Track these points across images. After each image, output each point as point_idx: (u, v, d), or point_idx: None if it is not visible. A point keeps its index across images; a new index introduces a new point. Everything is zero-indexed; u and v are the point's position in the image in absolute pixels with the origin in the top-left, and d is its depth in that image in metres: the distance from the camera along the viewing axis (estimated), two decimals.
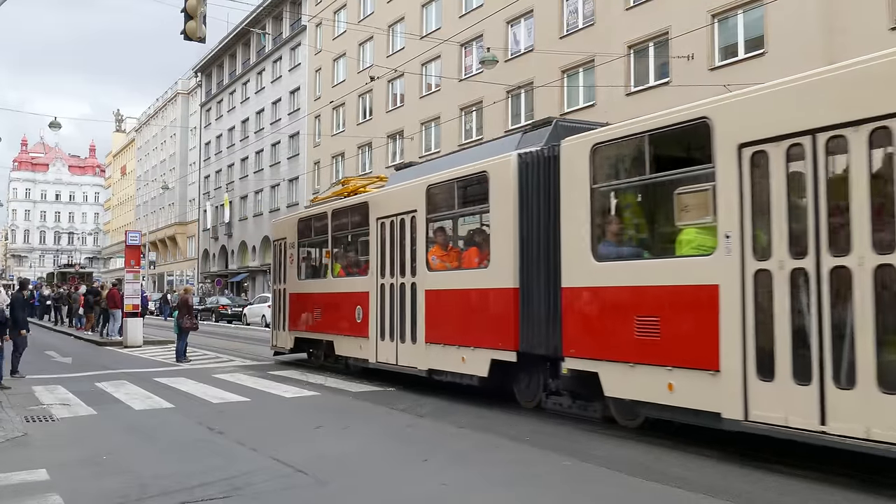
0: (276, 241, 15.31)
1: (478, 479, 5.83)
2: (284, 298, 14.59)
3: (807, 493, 5.30)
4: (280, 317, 14.83)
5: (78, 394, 10.46)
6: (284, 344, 14.63)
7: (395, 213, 10.78)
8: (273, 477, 5.86)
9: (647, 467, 6.03)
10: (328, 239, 13.01)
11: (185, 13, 11.57)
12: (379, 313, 10.98)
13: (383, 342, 10.89)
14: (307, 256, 14.38)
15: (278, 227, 15.48)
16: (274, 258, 15.36)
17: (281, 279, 14.90)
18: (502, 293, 8.56)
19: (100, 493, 5.46)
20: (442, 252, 10.06)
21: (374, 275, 11.15)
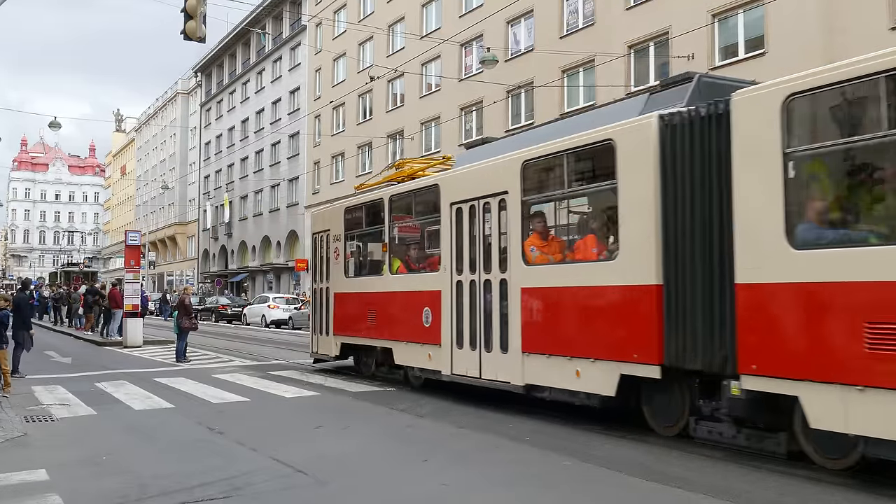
0: (316, 234, 13.58)
1: (478, 479, 5.83)
2: (327, 299, 12.90)
3: (807, 493, 5.29)
4: (322, 320, 13.13)
5: (78, 394, 10.46)
6: (327, 350, 12.91)
7: (476, 196, 9.13)
8: (273, 477, 5.85)
9: (647, 467, 6.02)
10: (384, 230, 11.15)
11: (185, 13, 11.56)
12: (455, 316, 9.42)
13: (461, 351, 9.28)
14: (357, 251, 12.62)
15: (319, 218, 13.79)
16: (313, 253, 13.70)
17: (322, 277, 13.23)
18: (638, 291, 6.90)
19: (99, 493, 5.45)
20: (542, 242, 8.40)
21: (448, 271, 9.55)
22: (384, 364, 11.66)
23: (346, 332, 12.36)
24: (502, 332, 8.64)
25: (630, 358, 6.95)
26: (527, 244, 8.38)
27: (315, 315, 13.56)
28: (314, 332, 13.57)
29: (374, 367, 12.03)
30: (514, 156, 8.64)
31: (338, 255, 12.59)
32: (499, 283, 8.74)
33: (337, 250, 12.62)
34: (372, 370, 12.09)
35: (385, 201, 11.19)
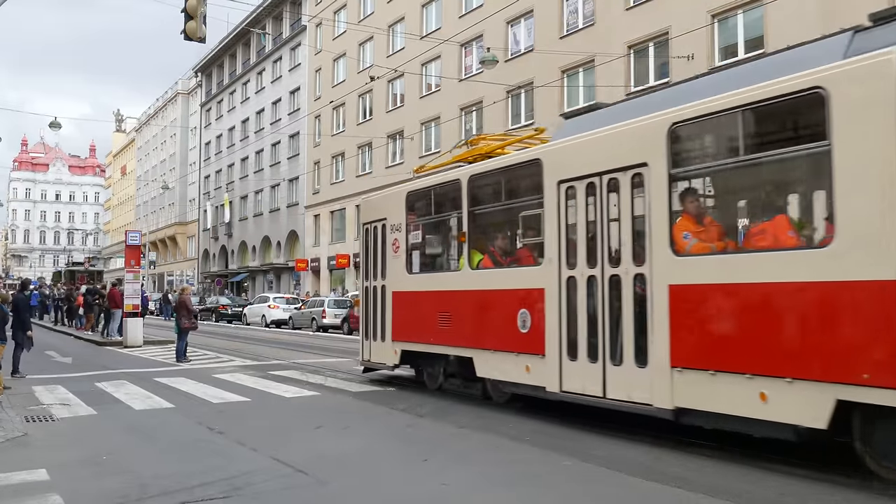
0: (367, 225, 11.74)
1: (478, 479, 5.83)
2: (384, 298, 11.10)
3: (807, 493, 5.29)
4: (376, 322, 11.32)
5: (78, 394, 10.46)
6: (383, 358, 11.13)
7: (596, 171, 7.40)
8: (273, 477, 5.86)
9: (647, 467, 6.02)
10: (463, 216, 9.38)
11: (185, 13, 11.57)
12: (565, 320, 7.68)
13: (574, 363, 7.55)
14: (423, 242, 10.73)
15: (372, 205, 11.97)
16: (364, 247, 11.88)
17: (376, 273, 11.40)
18: (870, 289, 5.19)
19: (100, 493, 5.46)
20: (697, 226, 6.68)
21: (555, 264, 7.83)
22: (456, 375, 9.98)
23: (407, 338, 10.54)
24: (638, 340, 6.87)
25: (855, 379, 5.22)
26: (677, 229, 6.62)
27: (366, 318, 11.68)
28: (365, 337, 11.72)
29: (441, 379, 10.31)
30: (656, 118, 6.79)
31: (397, 248, 10.77)
32: (632, 278, 6.99)
33: (396, 242, 10.80)
34: (439, 382, 10.36)
35: (463, 183, 9.33)
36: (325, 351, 18.48)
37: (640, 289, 6.91)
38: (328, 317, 27.90)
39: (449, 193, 9.89)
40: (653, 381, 6.71)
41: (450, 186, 9.78)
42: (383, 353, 11.14)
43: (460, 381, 9.93)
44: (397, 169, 36.28)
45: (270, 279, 50.75)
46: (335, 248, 42.22)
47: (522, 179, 8.75)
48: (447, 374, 10.20)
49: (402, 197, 10.81)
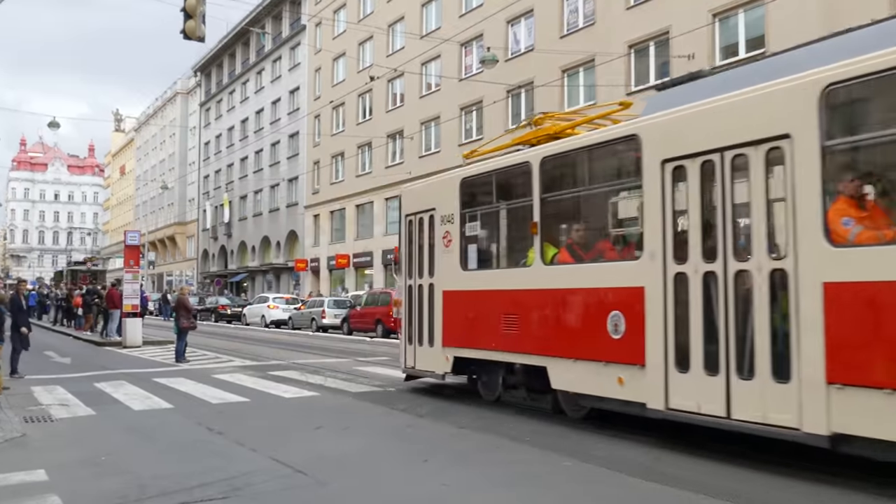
0: (411, 217, 10.58)
1: (478, 480, 5.81)
2: (432, 299, 9.92)
3: (807, 493, 5.28)
4: (421, 326, 10.14)
5: (77, 394, 10.44)
6: (431, 365, 9.89)
7: (714, 147, 6.25)
8: (273, 477, 5.84)
9: (647, 467, 6.01)
10: (534, 204, 8.10)
11: (184, 12, 11.56)
12: (672, 324, 6.52)
13: (686, 375, 6.37)
14: (483, 234, 9.55)
15: (416, 194, 10.77)
16: (406, 241, 10.68)
17: (422, 270, 10.24)
18: None
19: (99, 493, 5.44)
20: (859, 211, 5.61)
21: (658, 259, 6.67)
22: (519, 386, 8.91)
23: (462, 343, 9.36)
24: (777, 349, 5.74)
25: None
26: (834, 214, 5.52)
27: (410, 320, 10.47)
28: (409, 341, 10.50)
29: (500, 390, 9.17)
30: (804, 79, 5.67)
31: (449, 242, 9.56)
32: (766, 275, 5.85)
33: (448, 235, 9.60)
34: (497, 393, 9.21)
35: (535, 166, 8.12)
36: (324, 351, 18.47)
37: (778, 287, 5.77)
38: (328, 317, 27.88)
39: (516, 178, 8.66)
40: (800, 399, 5.49)
41: (517, 170, 8.54)
42: (431, 359, 9.88)
43: (525, 393, 8.81)
44: (397, 169, 36.29)
45: (270, 279, 50.75)
46: (335, 248, 42.22)
47: (612, 160, 7.64)
48: (508, 384, 9.04)
49: (456, 184, 9.51)
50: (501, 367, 8.98)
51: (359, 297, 28.47)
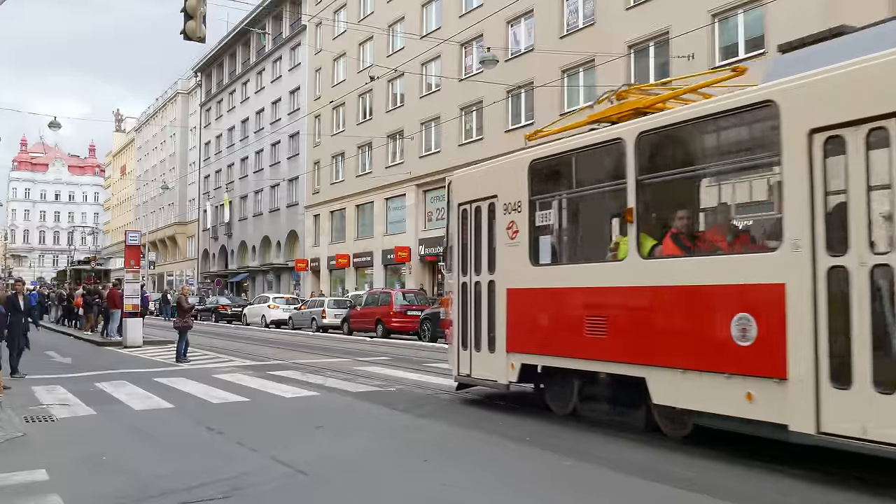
0: (464, 206, 9.45)
1: (478, 480, 5.82)
2: (492, 298, 8.80)
3: (808, 493, 5.29)
4: (478, 328, 9.04)
5: (77, 394, 10.44)
6: (491, 372, 8.80)
7: (886, 112, 5.20)
8: (273, 477, 5.85)
9: (647, 467, 6.02)
10: (628, 187, 7.01)
11: (185, 13, 11.57)
12: (825, 329, 5.45)
13: (846, 392, 5.29)
14: (559, 224, 8.53)
15: (472, 181, 9.60)
16: (459, 233, 9.55)
17: (478, 266, 9.12)
18: None
19: (100, 493, 5.45)
20: None
21: (806, 249, 5.59)
22: (601, 399, 7.74)
23: (531, 349, 8.28)
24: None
25: None
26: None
27: (464, 322, 9.32)
28: (462, 346, 9.36)
29: (575, 401, 8.06)
30: None
31: (515, 234, 8.47)
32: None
33: (513, 226, 8.49)
34: (572, 406, 8.11)
35: (629, 143, 7.00)
36: (325, 351, 18.48)
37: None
38: (328, 317, 27.90)
39: (602, 158, 7.62)
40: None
41: (604, 149, 7.49)
42: (492, 366, 8.78)
43: (607, 407, 7.68)
44: (397, 169, 36.30)
45: (270, 279, 50.76)
46: (335, 248, 42.23)
47: (734, 132, 6.58)
48: (585, 395, 7.97)
49: (524, 167, 8.37)
50: (577, 377, 7.90)
51: (359, 297, 28.48)
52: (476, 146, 31.18)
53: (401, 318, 23.87)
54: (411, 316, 23.60)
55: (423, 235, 34.61)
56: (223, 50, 58.53)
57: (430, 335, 21.67)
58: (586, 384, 7.90)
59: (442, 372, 13.09)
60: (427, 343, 21.12)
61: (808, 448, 5.63)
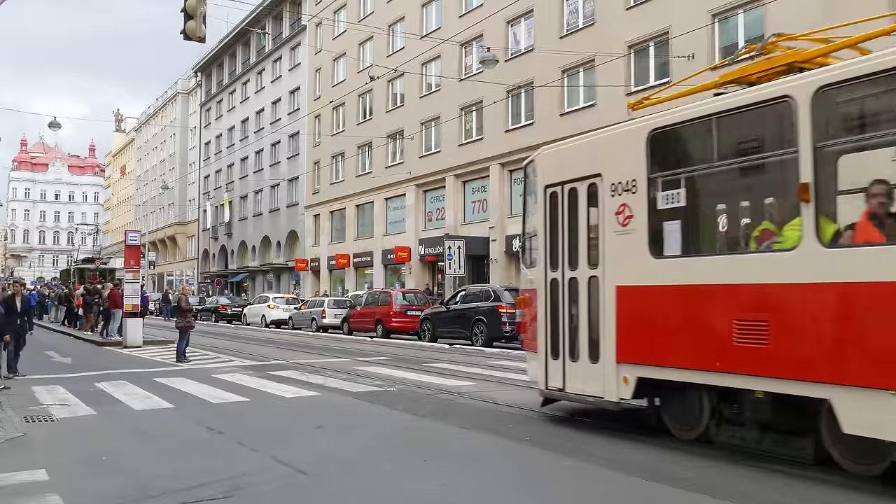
0: (553, 188, 8.03)
1: (478, 479, 5.82)
2: (594, 297, 7.45)
3: (808, 492, 5.29)
4: (574, 334, 7.69)
5: (77, 394, 10.44)
6: (596, 387, 7.38)
7: None
8: (273, 477, 5.85)
9: (648, 467, 6.01)
10: (801, 158, 5.57)
11: (185, 13, 11.57)
12: None
13: None
14: (693, 206, 6.75)
15: (563, 158, 8.19)
16: (546, 220, 8.12)
17: (573, 258, 7.76)
18: None
19: (100, 493, 5.44)
20: None
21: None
22: (748, 422, 6.36)
23: (652, 359, 6.86)
24: None
25: None
26: None
27: (554, 325, 7.96)
28: (551, 354, 7.98)
29: (707, 421, 6.63)
30: None
31: (627, 219, 7.07)
32: None
33: (625, 210, 7.10)
34: (703, 428, 6.69)
35: (802, 102, 5.59)
36: (325, 351, 18.48)
37: None
38: (328, 317, 27.90)
39: (758, 123, 6.31)
40: None
41: (761, 112, 6.13)
42: (594, 380, 7.39)
43: (758, 433, 6.29)
44: (397, 169, 36.31)
45: (270, 279, 50.77)
46: (335, 248, 42.24)
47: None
48: (723, 416, 6.53)
49: (642, 139, 6.96)
50: (711, 393, 6.53)
51: (359, 297, 28.49)
52: (476, 146, 31.21)
53: (401, 318, 23.87)
54: (411, 316, 23.60)
55: (423, 235, 34.62)
56: (223, 50, 58.54)
57: (430, 335, 21.68)
58: (725, 403, 6.45)
59: (442, 372, 13.10)
60: (427, 343, 21.12)
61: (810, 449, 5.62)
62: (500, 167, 29.93)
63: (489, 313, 19.45)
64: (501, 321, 19.00)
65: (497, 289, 20.89)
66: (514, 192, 29.97)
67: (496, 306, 19.36)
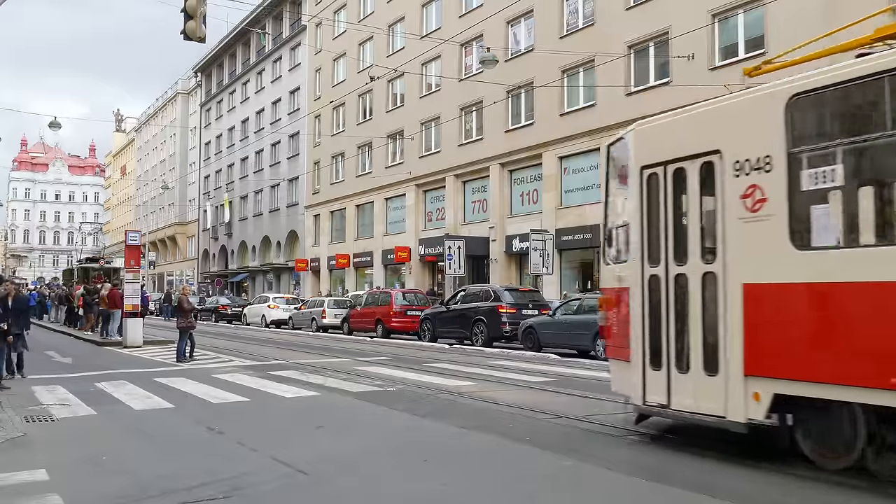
0: (652, 169, 6.92)
1: (478, 479, 5.82)
2: (710, 297, 6.30)
3: (808, 493, 5.29)
4: (683, 340, 6.53)
5: (77, 394, 10.44)
6: (714, 405, 6.19)
7: None
8: (273, 477, 5.85)
9: (648, 468, 6.02)
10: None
11: (185, 13, 11.57)
12: None
13: None
14: (850, 187, 5.54)
15: (666, 132, 7.02)
16: (642, 206, 6.98)
17: (680, 251, 6.64)
18: None
19: (100, 493, 5.45)
20: None
21: None
22: None
23: (793, 372, 5.69)
24: None
25: None
26: None
27: (653, 329, 6.81)
28: (652, 363, 6.80)
29: (863, 447, 5.49)
30: None
31: (759, 203, 5.92)
32: None
33: (754, 192, 5.93)
34: (856, 454, 5.55)
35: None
36: (325, 351, 18.49)
37: None
38: (328, 317, 27.91)
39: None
40: None
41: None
42: (711, 395, 6.20)
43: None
44: (397, 169, 36.31)
45: (270, 279, 50.78)
46: (335, 248, 42.25)
47: None
48: (886, 442, 5.40)
49: (779, 106, 5.82)
50: (868, 413, 5.40)
51: (359, 297, 28.49)
52: (476, 146, 31.22)
53: (401, 318, 23.88)
54: (411, 316, 23.61)
55: (423, 235, 34.64)
56: (223, 50, 58.56)
57: (430, 335, 21.68)
58: (887, 425, 5.32)
59: (442, 372, 13.11)
60: (427, 343, 21.13)
61: None
62: (500, 167, 29.95)
63: (489, 313, 19.46)
64: (501, 321, 19.02)
65: (497, 289, 20.91)
66: (513, 192, 30.00)
67: (496, 306, 19.38)
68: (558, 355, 16.27)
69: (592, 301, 17.67)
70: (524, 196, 29.42)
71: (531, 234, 23.88)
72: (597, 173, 25.49)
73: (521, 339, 18.21)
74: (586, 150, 25.71)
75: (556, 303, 20.51)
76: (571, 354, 16.58)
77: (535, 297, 20.71)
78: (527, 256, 25.50)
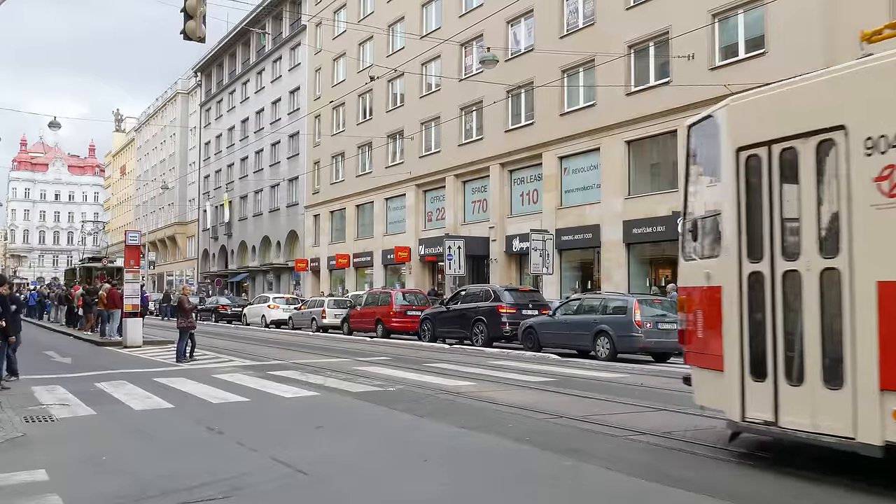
0: (752, 150, 6.01)
1: (478, 479, 5.82)
2: (829, 298, 5.44)
3: (811, 493, 5.28)
4: (794, 347, 5.65)
5: (77, 394, 10.43)
6: (837, 423, 5.28)
7: None
8: (273, 477, 5.84)
9: (648, 468, 6.01)
10: None
11: (184, 13, 11.57)
12: None
13: None
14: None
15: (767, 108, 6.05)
16: (742, 191, 6.09)
17: (788, 245, 5.78)
18: None
19: (99, 493, 5.44)
20: None
21: None
22: None
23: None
24: None
25: None
26: None
27: (754, 334, 5.93)
28: (753, 373, 5.91)
29: None
30: None
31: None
32: None
33: (892, 174, 5.07)
34: None
35: None
36: (325, 351, 18.48)
37: None
38: (328, 317, 27.90)
39: None
40: None
41: None
42: (835, 412, 5.31)
43: None
44: (397, 169, 36.31)
45: (270, 279, 50.78)
46: (335, 248, 42.25)
47: None
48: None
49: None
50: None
51: (359, 296, 28.48)
52: (476, 146, 31.22)
53: (401, 318, 23.87)
54: (411, 316, 23.61)
55: (423, 235, 34.64)
56: (223, 50, 58.57)
57: (430, 335, 21.68)
58: None
59: (442, 372, 13.10)
60: (427, 343, 21.13)
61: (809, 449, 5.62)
62: (500, 167, 29.95)
63: (489, 313, 19.46)
64: (501, 321, 19.02)
65: (497, 289, 20.90)
66: (513, 192, 30.00)
67: (496, 306, 19.38)
68: (558, 355, 16.29)
69: (592, 301, 17.76)
70: (524, 196, 29.42)
71: (531, 234, 23.81)
72: (597, 173, 25.53)
73: (521, 339, 18.26)
74: (586, 149, 25.73)
75: (556, 303, 20.51)
76: (571, 354, 16.61)
77: (535, 298, 20.72)
78: (527, 256, 25.49)
